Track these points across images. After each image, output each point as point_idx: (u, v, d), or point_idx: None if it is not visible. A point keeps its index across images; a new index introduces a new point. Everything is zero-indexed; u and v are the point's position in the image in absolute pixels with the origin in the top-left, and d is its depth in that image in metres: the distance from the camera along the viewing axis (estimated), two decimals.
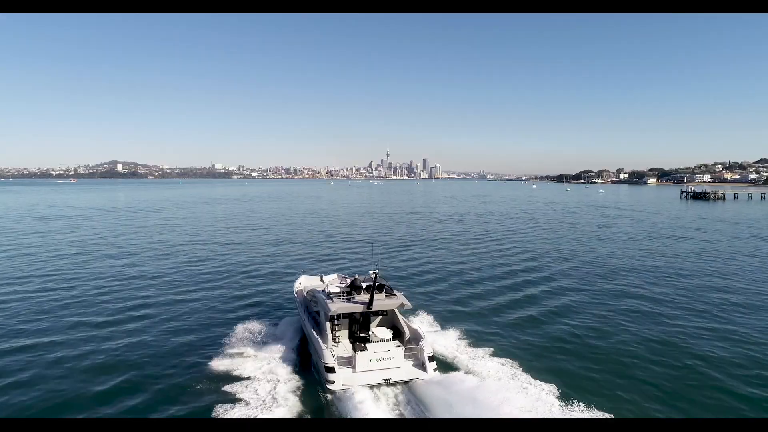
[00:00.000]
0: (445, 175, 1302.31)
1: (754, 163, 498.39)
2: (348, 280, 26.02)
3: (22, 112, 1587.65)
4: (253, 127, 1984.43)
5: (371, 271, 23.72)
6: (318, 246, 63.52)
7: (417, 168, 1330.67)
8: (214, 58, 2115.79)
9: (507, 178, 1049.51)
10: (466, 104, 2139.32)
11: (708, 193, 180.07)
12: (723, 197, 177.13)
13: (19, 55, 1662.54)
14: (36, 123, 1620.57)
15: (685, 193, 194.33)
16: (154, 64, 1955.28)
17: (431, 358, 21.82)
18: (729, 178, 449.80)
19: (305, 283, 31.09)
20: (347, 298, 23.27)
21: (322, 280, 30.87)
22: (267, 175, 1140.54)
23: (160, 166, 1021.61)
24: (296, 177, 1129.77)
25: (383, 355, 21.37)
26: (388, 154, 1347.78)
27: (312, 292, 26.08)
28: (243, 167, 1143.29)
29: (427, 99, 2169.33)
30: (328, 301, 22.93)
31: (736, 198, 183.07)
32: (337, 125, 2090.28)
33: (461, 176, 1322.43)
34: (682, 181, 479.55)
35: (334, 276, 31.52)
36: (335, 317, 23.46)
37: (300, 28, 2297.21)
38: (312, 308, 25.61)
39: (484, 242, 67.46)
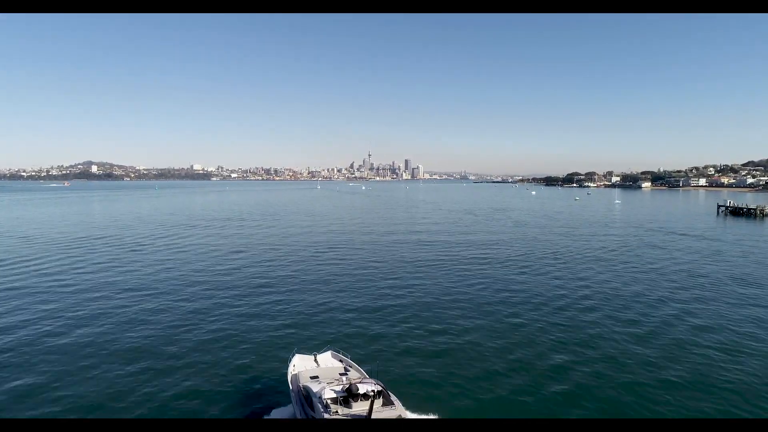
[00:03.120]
0: (427, 176, 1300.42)
1: (744, 165, 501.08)
2: (343, 373, 25.68)
3: None
4: (233, 126, 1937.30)
5: (373, 386, 23.13)
6: (327, 317, 43.85)
7: (399, 169, 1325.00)
8: (192, 56, 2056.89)
9: (492, 179, 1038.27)
10: (446, 104, 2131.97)
11: (753, 209, 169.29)
12: None
13: None
14: (4, 122, 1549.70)
15: (722, 208, 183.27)
16: (130, 62, 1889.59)
17: None
18: (726, 182, 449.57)
19: (299, 364, 29.28)
20: (344, 409, 22.79)
21: (316, 360, 29.99)
22: (247, 176, 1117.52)
23: (137, 167, 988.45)
24: (277, 178, 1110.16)
25: None
26: (369, 155, 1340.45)
27: (307, 390, 24.70)
28: (222, 168, 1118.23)
29: (408, 98, 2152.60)
30: (325, 414, 22.46)
31: None
32: (319, 125, 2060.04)
33: (443, 177, 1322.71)
34: (678, 186, 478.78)
35: (329, 354, 30.80)
36: None
37: (279, 28, 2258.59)
38: (308, 411, 24.07)
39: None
